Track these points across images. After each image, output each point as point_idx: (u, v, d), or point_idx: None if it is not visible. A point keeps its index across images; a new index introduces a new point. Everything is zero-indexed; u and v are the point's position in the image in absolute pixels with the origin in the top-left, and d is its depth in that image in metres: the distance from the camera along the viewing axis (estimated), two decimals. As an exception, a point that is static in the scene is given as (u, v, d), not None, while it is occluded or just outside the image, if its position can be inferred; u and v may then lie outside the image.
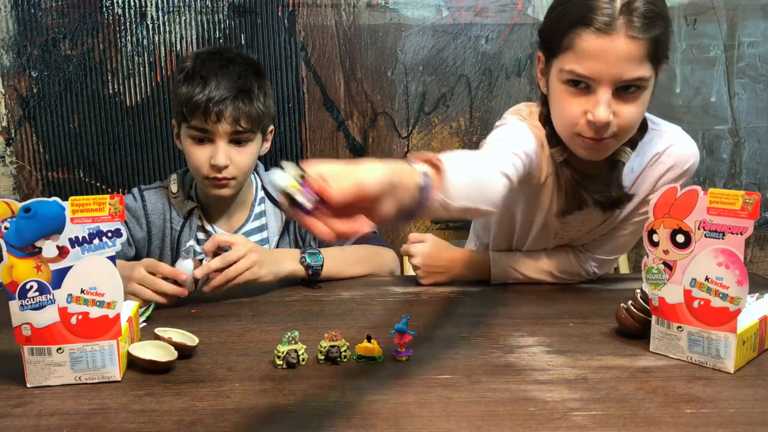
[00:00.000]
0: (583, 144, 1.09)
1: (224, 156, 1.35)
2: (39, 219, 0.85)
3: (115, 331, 0.89)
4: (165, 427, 0.77)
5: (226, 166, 1.36)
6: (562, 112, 1.09)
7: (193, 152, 1.38)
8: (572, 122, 1.08)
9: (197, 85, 1.34)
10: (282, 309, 1.20)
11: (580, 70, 1.04)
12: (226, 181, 1.38)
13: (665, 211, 0.93)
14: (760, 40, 1.88)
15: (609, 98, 1.03)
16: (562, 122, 1.11)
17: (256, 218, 1.50)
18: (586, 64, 1.03)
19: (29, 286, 0.85)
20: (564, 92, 1.08)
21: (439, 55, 1.87)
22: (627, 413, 0.79)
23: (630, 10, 1.00)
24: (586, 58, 1.03)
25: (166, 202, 1.47)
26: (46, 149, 1.85)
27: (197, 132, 1.36)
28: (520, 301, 1.23)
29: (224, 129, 1.34)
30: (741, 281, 0.87)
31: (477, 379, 0.88)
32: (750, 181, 1.96)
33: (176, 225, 1.45)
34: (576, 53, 1.04)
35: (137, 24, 1.81)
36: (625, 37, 1.00)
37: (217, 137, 1.35)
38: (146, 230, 1.46)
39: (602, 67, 1.02)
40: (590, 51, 1.02)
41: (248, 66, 1.41)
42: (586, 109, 1.05)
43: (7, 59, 1.80)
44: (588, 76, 1.03)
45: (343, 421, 0.78)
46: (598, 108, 1.03)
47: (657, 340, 0.96)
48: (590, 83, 1.04)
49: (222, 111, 1.33)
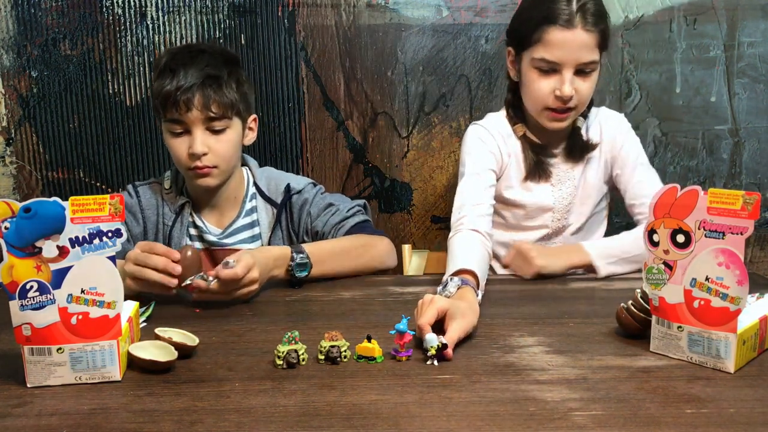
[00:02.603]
0: (550, 117, 1.42)
1: (201, 144, 1.36)
2: (39, 219, 0.85)
3: (115, 331, 0.89)
4: (165, 427, 0.77)
5: (204, 154, 1.37)
6: (535, 91, 1.40)
7: (173, 145, 1.39)
8: (543, 98, 1.40)
9: (167, 77, 1.35)
10: (282, 309, 1.20)
11: (549, 57, 1.36)
12: (207, 169, 1.38)
13: (665, 211, 0.93)
14: (760, 40, 1.88)
15: (571, 77, 1.37)
16: (534, 99, 1.42)
17: (247, 214, 1.50)
18: (553, 52, 1.36)
19: (29, 286, 0.85)
20: (535, 75, 1.39)
21: (439, 55, 1.87)
22: (627, 413, 0.79)
23: (584, 9, 1.34)
24: (553, 47, 1.35)
25: (160, 198, 1.49)
26: (46, 149, 1.85)
27: (173, 124, 1.37)
28: (520, 301, 1.23)
29: (196, 117, 1.35)
30: (741, 281, 0.87)
31: (477, 379, 0.88)
32: (750, 181, 1.96)
33: (168, 220, 1.46)
34: (545, 44, 1.36)
35: (137, 24, 1.81)
36: (582, 30, 1.34)
37: (193, 127, 1.36)
38: (143, 225, 1.48)
39: (566, 53, 1.35)
40: (556, 42, 1.35)
41: (219, 55, 1.42)
42: (554, 87, 1.38)
43: (7, 59, 1.80)
44: (555, 61, 1.36)
45: (343, 421, 0.78)
46: (564, 85, 1.36)
47: (657, 340, 0.96)
48: (556, 67, 1.37)
49: (190, 99, 1.34)
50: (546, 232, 1.53)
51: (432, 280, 1.39)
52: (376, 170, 1.92)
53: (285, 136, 1.89)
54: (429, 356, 0.93)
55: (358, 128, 1.90)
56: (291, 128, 1.89)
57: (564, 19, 1.33)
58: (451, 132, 1.91)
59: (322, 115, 1.89)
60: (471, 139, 1.51)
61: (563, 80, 1.36)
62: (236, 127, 1.42)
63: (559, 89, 1.36)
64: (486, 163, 1.47)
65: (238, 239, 1.49)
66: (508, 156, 1.49)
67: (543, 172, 1.49)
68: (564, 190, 1.51)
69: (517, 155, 1.50)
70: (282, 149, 1.90)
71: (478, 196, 1.42)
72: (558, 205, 1.51)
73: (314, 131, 1.89)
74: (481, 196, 1.42)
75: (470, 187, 1.43)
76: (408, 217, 1.95)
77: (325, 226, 1.46)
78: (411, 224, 1.95)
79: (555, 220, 1.52)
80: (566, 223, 1.53)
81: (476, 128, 1.52)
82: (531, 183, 1.50)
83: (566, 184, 1.51)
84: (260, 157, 1.84)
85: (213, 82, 1.36)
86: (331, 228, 1.45)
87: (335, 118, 1.89)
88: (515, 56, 1.45)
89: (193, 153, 1.36)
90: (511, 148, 1.50)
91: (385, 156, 1.92)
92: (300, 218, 1.49)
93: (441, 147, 1.91)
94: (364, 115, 1.89)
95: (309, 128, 1.89)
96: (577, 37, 1.34)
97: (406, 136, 1.91)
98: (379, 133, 1.90)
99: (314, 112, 1.88)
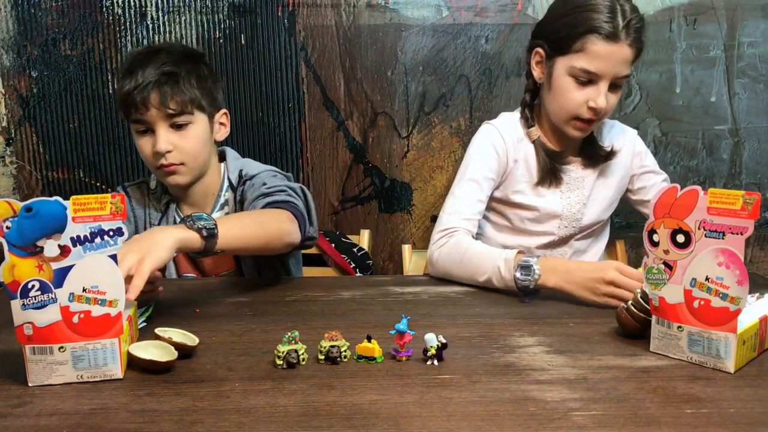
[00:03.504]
0: (577, 126, 1.41)
1: (164, 141, 1.36)
2: (40, 218, 0.85)
3: (116, 330, 0.89)
4: (165, 427, 0.77)
5: (168, 151, 1.36)
6: (569, 100, 1.39)
7: (140, 145, 1.40)
8: (576, 108, 1.38)
9: (126, 78, 1.36)
10: (282, 309, 1.20)
11: (591, 68, 1.34)
12: (174, 167, 1.38)
13: (665, 211, 0.93)
14: (760, 40, 1.88)
15: (606, 89, 1.36)
16: (564, 107, 1.40)
17: (221, 208, 1.49)
18: (595, 63, 1.34)
19: (31, 285, 0.85)
20: (571, 84, 1.38)
21: (439, 55, 1.87)
22: (627, 413, 0.79)
23: (629, 24, 1.32)
24: (595, 58, 1.34)
25: (147, 197, 1.50)
26: (46, 149, 1.85)
27: (136, 124, 1.38)
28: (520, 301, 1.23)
29: (155, 114, 1.35)
30: (741, 281, 0.87)
31: (477, 379, 0.89)
32: (750, 181, 1.96)
33: (154, 219, 1.48)
34: (588, 54, 1.34)
35: (137, 24, 1.81)
36: (626, 45, 1.33)
37: (155, 125, 1.36)
38: (134, 224, 1.49)
39: (607, 66, 1.34)
40: (601, 53, 1.33)
41: (178, 53, 1.41)
42: (588, 98, 1.36)
43: (7, 59, 1.80)
44: (596, 73, 1.35)
45: (343, 421, 0.78)
46: (599, 97, 1.36)
47: (657, 340, 0.96)
48: (594, 78, 1.35)
49: (146, 97, 1.34)
50: (552, 239, 1.51)
51: (432, 280, 1.39)
52: (376, 170, 1.92)
53: (285, 136, 1.89)
54: (429, 356, 0.93)
55: (358, 128, 1.90)
56: (291, 128, 1.90)
57: (611, 31, 1.31)
58: (451, 132, 1.91)
59: (322, 115, 1.89)
60: (481, 141, 1.49)
61: (599, 92, 1.35)
62: (201, 122, 1.41)
63: (594, 101, 1.35)
64: (488, 170, 1.46)
65: None
66: (514, 162, 1.48)
67: (555, 178, 1.48)
68: (572, 198, 1.49)
69: (527, 160, 1.48)
70: (282, 149, 1.90)
71: (473, 207, 1.43)
72: (566, 212, 1.49)
73: (314, 131, 1.89)
74: (474, 208, 1.43)
75: (467, 196, 1.43)
76: (408, 217, 1.95)
77: (247, 201, 1.41)
78: (411, 224, 1.95)
79: (562, 227, 1.50)
80: (573, 231, 1.52)
81: (489, 129, 1.50)
82: (542, 188, 1.49)
83: (575, 192, 1.49)
84: (260, 157, 1.85)
85: (169, 79, 1.35)
86: (251, 203, 1.38)
87: (335, 118, 1.89)
88: (546, 58, 1.42)
89: (156, 151, 1.36)
90: (519, 154, 1.48)
91: (385, 156, 1.92)
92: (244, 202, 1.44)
93: (441, 147, 1.92)
94: (364, 115, 1.89)
95: (309, 128, 1.89)
96: (620, 51, 1.32)
97: (406, 136, 1.91)
98: (379, 133, 1.91)
99: (314, 112, 1.88)
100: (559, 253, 1.54)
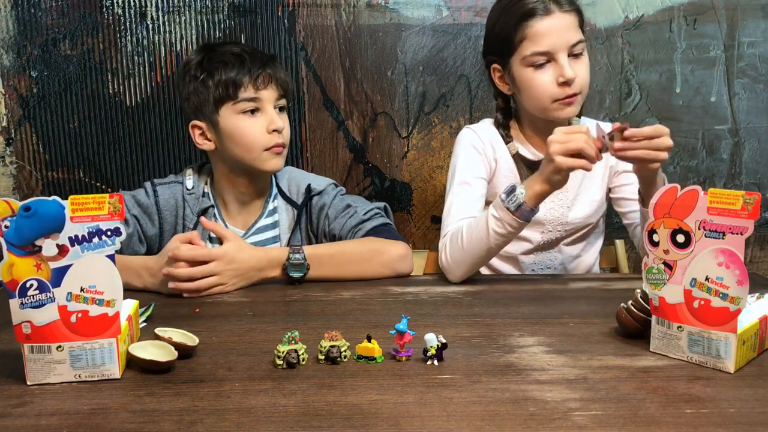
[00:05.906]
0: (559, 106, 1.38)
1: (279, 119, 1.42)
2: (39, 218, 0.85)
3: (114, 329, 0.89)
4: (165, 427, 0.77)
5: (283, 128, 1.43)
6: (536, 87, 1.37)
7: (249, 125, 1.40)
8: (547, 90, 1.37)
9: (232, 62, 1.39)
10: (282, 309, 1.20)
11: (540, 48, 1.35)
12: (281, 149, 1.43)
13: (665, 211, 0.93)
14: (760, 40, 1.88)
15: (567, 61, 1.34)
16: (538, 96, 1.38)
17: (270, 214, 1.49)
18: (542, 41, 1.34)
19: (29, 284, 0.85)
20: (532, 72, 1.37)
21: (439, 55, 1.87)
22: (627, 413, 0.79)
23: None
24: (539, 37, 1.34)
25: (180, 198, 1.45)
26: (46, 149, 1.85)
27: (249, 103, 1.40)
28: (520, 301, 1.23)
29: (271, 95, 1.41)
30: (741, 281, 0.87)
31: (477, 379, 0.88)
32: (750, 181, 1.96)
33: (189, 222, 1.44)
34: (531, 38, 1.35)
35: (137, 24, 1.81)
36: (561, 13, 1.35)
37: (267, 104, 1.41)
38: (158, 226, 1.45)
39: (554, 39, 1.34)
40: (541, 31, 1.34)
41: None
42: (554, 76, 1.35)
43: (7, 59, 1.80)
44: (547, 50, 1.35)
45: (343, 421, 0.78)
46: (564, 69, 1.34)
47: (657, 340, 0.96)
48: (549, 56, 1.35)
49: (271, 74, 1.41)
50: (538, 244, 1.50)
51: (432, 280, 1.39)
52: (376, 170, 1.92)
53: (285, 136, 1.89)
54: (429, 356, 0.93)
55: (358, 128, 1.90)
56: (291, 128, 1.89)
57: (540, 9, 1.34)
58: (451, 132, 1.91)
59: (322, 115, 1.89)
60: (462, 145, 1.50)
61: (561, 65, 1.34)
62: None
63: (561, 74, 1.34)
64: (476, 170, 1.46)
65: (260, 239, 1.48)
66: (495, 161, 1.48)
67: None
68: (555, 202, 1.46)
69: (508, 162, 1.48)
70: (282, 149, 1.90)
71: (470, 207, 1.42)
72: (549, 217, 1.47)
73: (314, 131, 1.89)
74: (471, 207, 1.42)
75: (461, 199, 1.43)
76: (408, 217, 1.95)
77: (342, 229, 1.44)
78: (411, 224, 1.95)
79: (546, 232, 1.49)
80: (560, 236, 1.50)
81: (467, 132, 1.51)
82: None
83: (558, 196, 1.44)
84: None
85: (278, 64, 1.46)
86: (348, 231, 1.43)
87: (335, 118, 1.89)
88: (502, 70, 1.43)
89: (276, 128, 1.40)
90: (499, 154, 1.48)
91: (385, 156, 1.92)
92: (319, 220, 1.47)
93: (441, 147, 1.91)
94: (364, 115, 1.89)
95: (309, 128, 1.89)
96: (559, 21, 1.34)
97: (406, 136, 1.91)
98: (379, 133, 1.90)
99: (314, 112, 1.88)
100: (548, 258, 1.52)
